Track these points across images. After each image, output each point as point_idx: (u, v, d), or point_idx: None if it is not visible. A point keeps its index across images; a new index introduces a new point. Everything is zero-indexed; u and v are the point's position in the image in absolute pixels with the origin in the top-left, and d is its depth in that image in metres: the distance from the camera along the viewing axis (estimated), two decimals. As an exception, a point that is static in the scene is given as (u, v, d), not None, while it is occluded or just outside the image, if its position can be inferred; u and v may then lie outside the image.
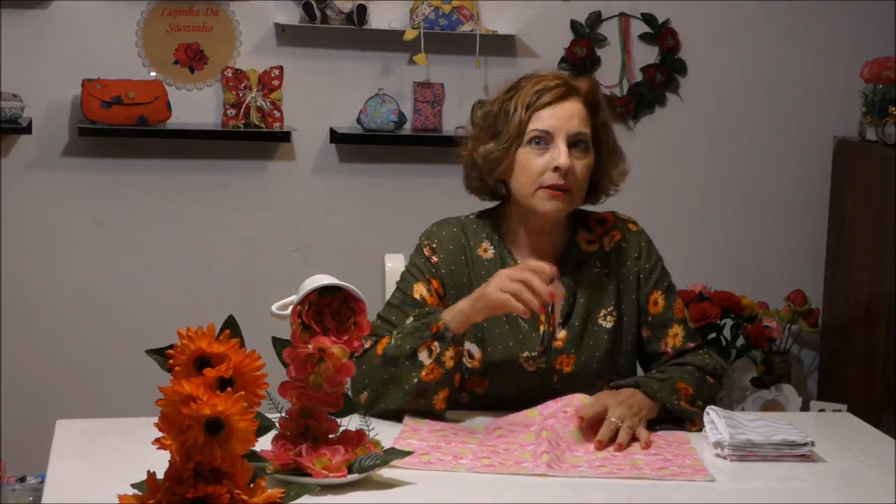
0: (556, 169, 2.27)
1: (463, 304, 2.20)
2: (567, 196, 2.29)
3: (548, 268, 2.14)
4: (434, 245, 2.38)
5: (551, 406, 2.19)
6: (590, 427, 2.14)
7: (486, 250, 2.38)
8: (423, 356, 2.18)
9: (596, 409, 2.15)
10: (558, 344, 2.33)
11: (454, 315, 2.19)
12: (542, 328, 2.33)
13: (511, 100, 2.32)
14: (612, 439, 2.11)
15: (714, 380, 2.33)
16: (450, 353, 2.18)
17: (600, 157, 2.36)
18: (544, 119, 2.29)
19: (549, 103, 2.30)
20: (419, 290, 2.34)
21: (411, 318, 2.25)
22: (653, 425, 2.20)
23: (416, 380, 2.18)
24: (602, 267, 2.39)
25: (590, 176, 2.34)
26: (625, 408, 2.15)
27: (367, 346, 2.25)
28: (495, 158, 2.33)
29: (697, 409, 2.24)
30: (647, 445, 2.11)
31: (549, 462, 1.97)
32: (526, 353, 2.31)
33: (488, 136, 2.34)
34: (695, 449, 2.12)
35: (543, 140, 2.29)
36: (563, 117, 2.29)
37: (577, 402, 2.18)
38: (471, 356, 2.32)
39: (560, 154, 2.27)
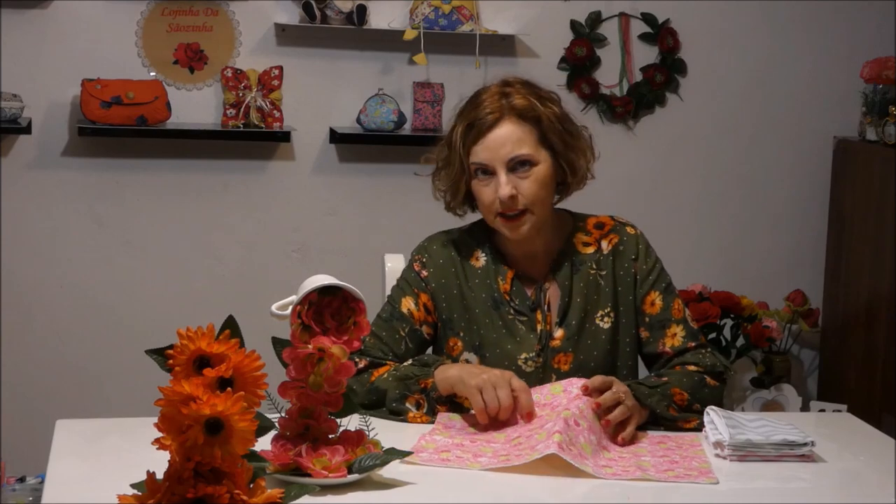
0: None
1: (454, 374, 2.21)
2: (525, 217, 2.31)
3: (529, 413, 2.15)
4: (424, 259, 2.41)
5: (575, 383, 2.17)
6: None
7: (479, 259, 2.40)
8: (411, 405, 2.23)
9: (603, 379, 2.16)
10: (556, 343, 2.35)
11: (445, 378, 2.22)
12: (539, 328, 2.34)
13: (453, 131, 2.35)
14: (610, 410, 2.13)
15: (715, 381, 2.32)
16: (439, 406, 2.23)
17: (558, 156, 2.34)
18: (479, 153, 2.31)
19: (482, 134, 2.31)
20: (407, 304, 2.38)
21: (409, 361, 2.29)
22: (646, 427, 2.22)
23: (401, 417, 2.24)
24: (599, 269, 2.39)
25: (551, 179, 2.33)
26: (626, 388, 2.17)
27: (360, 365, 2.29)
28: (447, 192, 2.40)
29: (695, 412, 2.24)
30: (624, 442, 2.12)
31: (559, 442, 1.96)
32: (524, 355, 2.33)
33: (445, 166, 2.39)
34: (704, 451, 2.12)
35: (486, 171, 2.31)
36: (494, 148, 2.30)
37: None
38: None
39: (500, 185, 2.29)
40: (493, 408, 2.12)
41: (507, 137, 2.30)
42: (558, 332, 2.35)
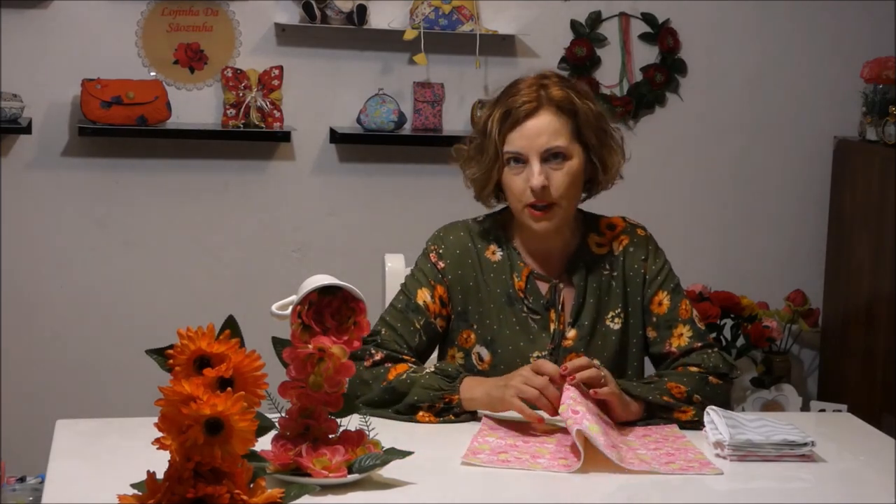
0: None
1: (481, 395, 2.21)
2: (554, 210, 2.30)
3: (559, 372, 2.14)
4: (441, 250, 2.39)
5: (566, 389, 2.15)
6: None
7: (495, 252, 2.39)
8: (424, 408, 2.22)
9: (581, 360, 2.16)
10: (568, 343, 2.35)
11: (471, 399, 2.22)
12: (552, 327, 2.35)
13: (489, 119, 2.34)
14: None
15: (718, 380, 2.31)
16: (452, 418, 2.23)
17: (591, 152, 2.34)
18: (515, 141, 2.31)
19: (519, 123, 2.30)
20: (423, 296, 2.36)
21: (432, 369, 2.26)
22: (635, 422, 2.22)
23: (407, 417, 2.23)
24: (610, 269, 2.40)
25: (581, 174, 2.34)
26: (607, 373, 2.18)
27: (377, 357, 2.28)
28: (478, 180, 2.37)
29: (694, 403, 2.24)
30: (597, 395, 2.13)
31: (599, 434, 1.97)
32: (536, 353, 2.32)
33: (476, 154, 2.37)
34: (692, 443, 2.13)
35: (519, 160, 2.31)
36: (531, 136, 2.29)
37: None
38: (480, 359, 2.36)
39: (532, 174, 2.28)
40: (555, 401, 2.11)
41: (544, 128, 2.29)
42: (571, 333, 2.36)
